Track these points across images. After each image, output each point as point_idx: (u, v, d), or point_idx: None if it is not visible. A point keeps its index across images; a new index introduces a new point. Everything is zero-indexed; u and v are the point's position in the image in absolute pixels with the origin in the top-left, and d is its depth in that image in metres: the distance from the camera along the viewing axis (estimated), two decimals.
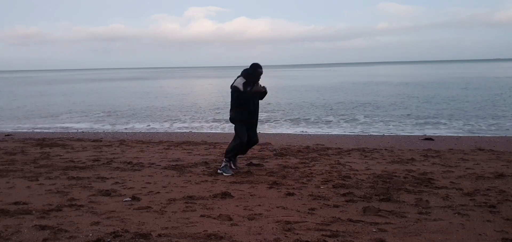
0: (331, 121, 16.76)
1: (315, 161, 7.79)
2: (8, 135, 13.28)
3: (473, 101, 22.88)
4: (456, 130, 14.01)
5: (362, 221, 4.40)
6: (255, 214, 4.65)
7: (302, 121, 16.93)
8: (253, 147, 9.41)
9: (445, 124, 15.44)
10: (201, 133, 13.92)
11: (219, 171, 6.78)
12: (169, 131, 14.86)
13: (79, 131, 15.13)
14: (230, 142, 7.08)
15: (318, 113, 19.21)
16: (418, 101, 23.68)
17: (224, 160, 6.86)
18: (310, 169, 7.06)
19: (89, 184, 6.15)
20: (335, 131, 14.15)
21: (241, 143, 6.78)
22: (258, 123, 7.24)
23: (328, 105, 22.46)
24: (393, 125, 15.35)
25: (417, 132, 13.39)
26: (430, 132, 13.35)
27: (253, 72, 6.75)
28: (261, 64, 6.84)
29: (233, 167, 6.88)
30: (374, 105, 22.15)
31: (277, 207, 4.95)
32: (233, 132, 6.99)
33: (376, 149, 9.28)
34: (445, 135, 12.62)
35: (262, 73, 6.80)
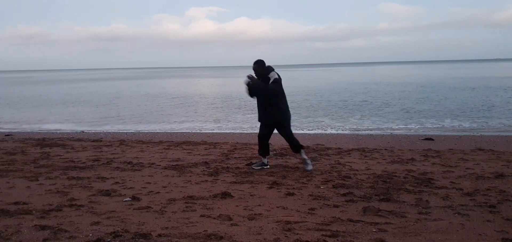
0: (331, 121, 16.77)
1: (315, 161, 7.78)
2: (8, 135, 13.28)
3: (473, 101, 22.89)
4: (456, 129, 14.02)
5: (362, 221, 4.40)
6: (255, 214, 4.65)
7: (302, 121, 16.93)
8: (253, 147, 9.46)
9: (445, 123, 15.45)
10: (201, 133, 13.91)
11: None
12: (169, 131, 14.86)
13: (79, 131, 15.14)
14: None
15: (319, 113, 19.22)
16: (418, 101, 23.68)
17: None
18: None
19: (89, 184, 6.15)
20: (335, 131, 14.15)
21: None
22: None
23: (329, 105, 22.46)
24: (393, 125, 15.37)
25: (417, 132, 13.39)
26: (430, 131, 13.36)
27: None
28: None
29: (263, 163, 7.11)
30: (374, 105, 22.16)
31: (277, 207, 4.95)
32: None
33: (376, 149, 9.27)
34: (445, 134, 12.62)
35: (254, 69, 6.84)
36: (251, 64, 6.91)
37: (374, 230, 4.15)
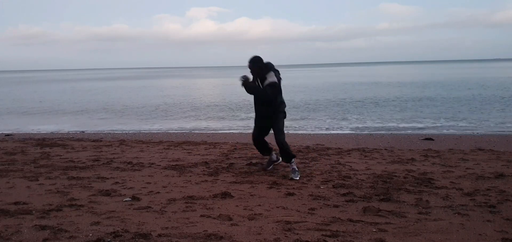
0: (331, 121, 16.76)
1: (315, 161, 7.78)
2: (8, 135, 13.29)
3: (473, 101, 22.89)
4: (456, 129, 14.02)
5: (362, 221, 4.40)
6: (255, 214, 4.65)
7: (303, 121, 16.93)
8: (253, 147, 9.43)
9: (445, 123, 15.44)
10: (201, 133, 13.91)
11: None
12: (169, 131, 14.86)
13: (79, 130, 15.14)
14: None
15: (319, 113, 19.22)
16: (418, 101, 23.68)
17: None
18: (310, 169, 7.06)
19: (89, 184, 6.15)
20: (335, 131, 14.15)
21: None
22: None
23: (329, 105, 22.46)
24: (393, 125, 15.37)
25: (417, 132, 13.39)
26: (430, 131, 13.35)
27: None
28: None
29: (272, 160, 7.03)
30: (374, 105, 22.16)
31: (277, 207, 4.95)
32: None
33: (376, 149, 9.27)
34: (445, 134, 12.62)
35: (249, 67, 6.23)
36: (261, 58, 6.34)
37: (374, 230, 4.15)
